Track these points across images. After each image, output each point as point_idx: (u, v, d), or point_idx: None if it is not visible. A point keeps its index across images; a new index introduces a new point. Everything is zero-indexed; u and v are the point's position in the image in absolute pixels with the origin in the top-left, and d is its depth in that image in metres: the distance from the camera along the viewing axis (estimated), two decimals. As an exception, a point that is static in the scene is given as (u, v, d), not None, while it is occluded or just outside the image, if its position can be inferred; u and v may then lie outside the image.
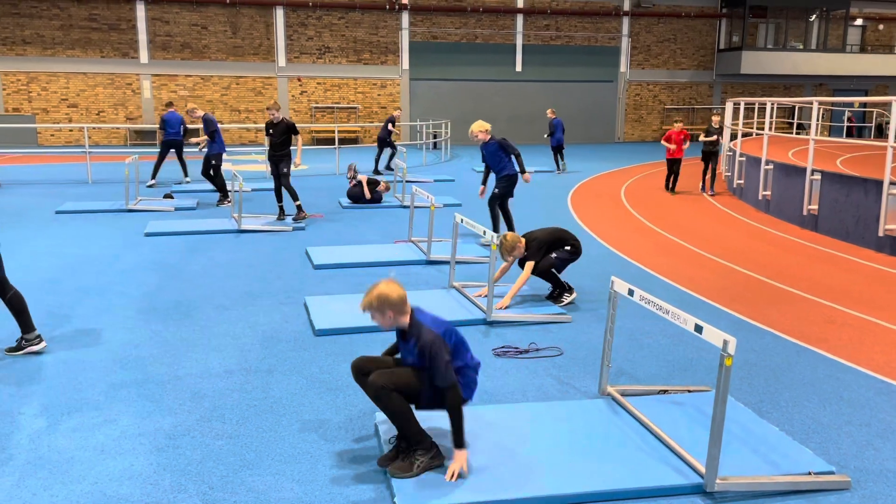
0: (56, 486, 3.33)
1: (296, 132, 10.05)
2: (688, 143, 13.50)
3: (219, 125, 12.08)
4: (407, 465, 3.39)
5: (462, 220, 6.47)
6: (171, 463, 3.55)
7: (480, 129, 8.59)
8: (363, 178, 11.96)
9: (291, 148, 10.12)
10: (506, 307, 5.96)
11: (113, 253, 8.16)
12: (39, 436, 3.81)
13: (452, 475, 3.32)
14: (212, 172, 11.90)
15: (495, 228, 8.86)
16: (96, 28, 23.64)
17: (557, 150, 17.70)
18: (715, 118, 14.16)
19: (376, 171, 16.44)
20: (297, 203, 10.10)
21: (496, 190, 8.79)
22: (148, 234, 9.15)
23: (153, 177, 13.77)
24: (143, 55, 24.13)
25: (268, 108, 9.98)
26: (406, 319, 3.46)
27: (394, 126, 16.93)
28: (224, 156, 12.34)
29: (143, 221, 10.08)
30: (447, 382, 3.34)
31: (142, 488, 3.32)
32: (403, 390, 3.39)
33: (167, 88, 24.57)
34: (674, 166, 13.82)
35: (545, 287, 6.58)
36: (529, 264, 6.11)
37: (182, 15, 24.24)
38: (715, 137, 13.83)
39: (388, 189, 12.38)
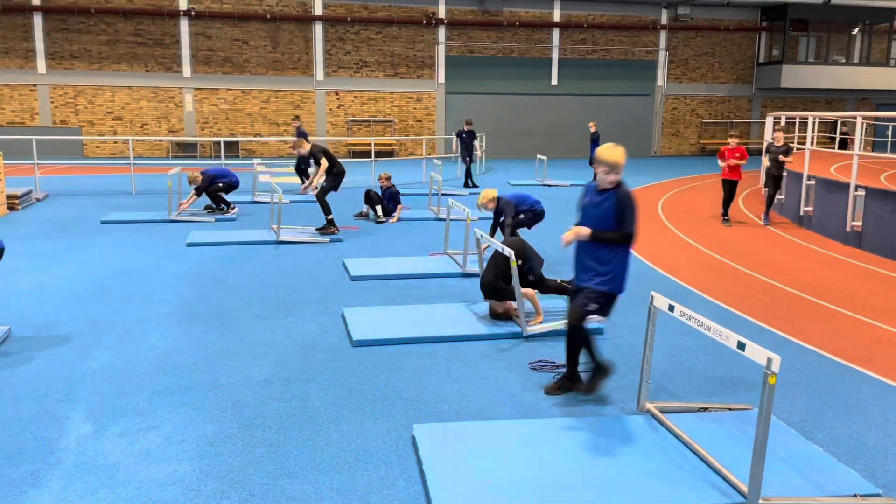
0: (102, 490, 3.41)
1: (318, 161, 10.03)
2: (744, 161, 11.59)
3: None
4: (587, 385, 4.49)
5: (482, 236, 6.52)
6: (213, 469, 3.61)
7: (488, 198, 8.09)
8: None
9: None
10: (541, 320, 5.95)
11: (156, 262, 8.34)
12: (86, 440, 3.91)
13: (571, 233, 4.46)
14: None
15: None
16: (141, 43, 24.27)
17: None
18: (778, 135, 12.18)
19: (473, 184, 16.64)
20: (329, 217, 10.16)
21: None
22: (189, 245, 9.34)
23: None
24: (186, 69, 24.69)
25: (291, 147, 10.04)
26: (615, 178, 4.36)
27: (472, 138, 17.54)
28: (263, 167, 12.53)
29: (184, 232, 10.29)
30: (631, 229, 4.36)
31: (185, 494, 3.39)
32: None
33: (208, 102, 25.09)
34: (730, 190, 11.81)
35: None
36: (529, 291, 5.98)
37: (224, 30, 24.78)
38: (791, 158, 11.96)
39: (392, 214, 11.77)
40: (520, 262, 5.82)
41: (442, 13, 26.22)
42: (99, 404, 4.38)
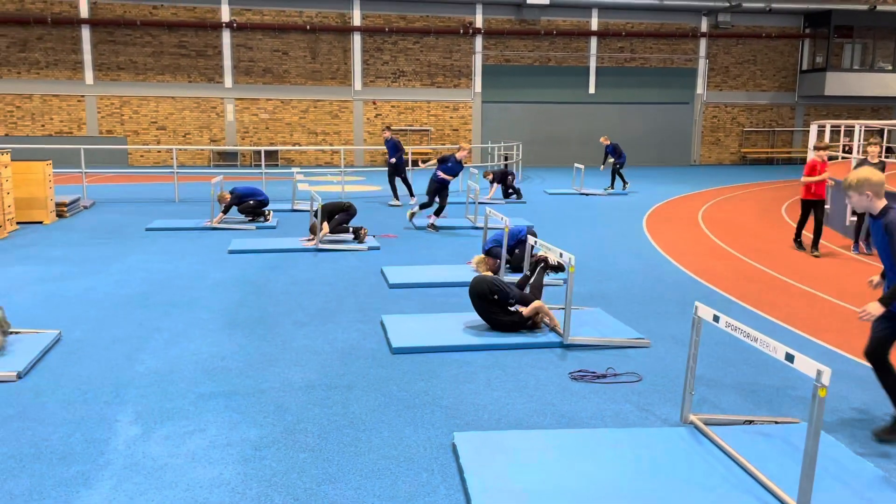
0: (151, 490, 3.49)
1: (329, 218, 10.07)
2: (827, 176, 9.95)
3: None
4: None
5: (536, 242, 6.47)
6: (257, 473, 3.67)
7: (479, 265, 8.09)
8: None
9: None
10: (555, 322, 5.90)
11: (199, 269, 8.50)
12: (135, 442, 4.00)
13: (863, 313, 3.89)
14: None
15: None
16: (185, 54, 24.83)
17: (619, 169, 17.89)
18: (873, 149, 10.09)
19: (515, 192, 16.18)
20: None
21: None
22: (231, 252, 9.50)
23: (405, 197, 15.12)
24: (228, 80, 25.17)
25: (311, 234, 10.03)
26: (879, 204, 4.01)
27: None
28: (301, 176, 12.68)
29: (226, 239, 10.46)
30: None
31: (230, 497, 3.44)
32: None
33: (249, 112, 25.53)
34: (815, 211, 9.95)
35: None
36: (535, 304, 5.90)
37: (265, 41, 25.21)
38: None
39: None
40: (495, 296, 5.79)
41: (479, 23, 26.32)
42: (146, 407, 4.48)
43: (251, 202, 12.00)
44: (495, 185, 15.84)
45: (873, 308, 3.89)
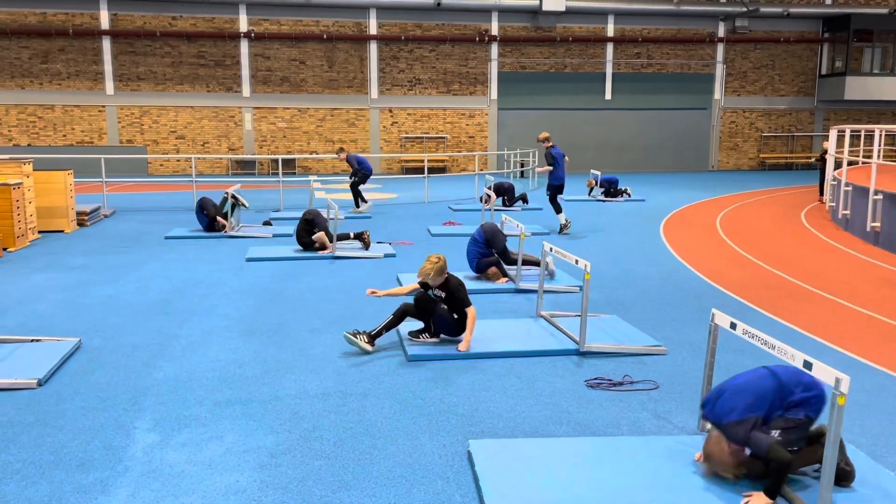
0: (168, 498, 3.51)
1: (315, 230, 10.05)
2: None
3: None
4: None
5: (551, 249, 6.45)
6: (273, 480, 3.68)
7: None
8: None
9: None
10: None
11: (217, 277, 8.57)
12: (153, 449, 4.03)
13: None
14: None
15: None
16: (203, 64, 25.10)
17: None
18: None
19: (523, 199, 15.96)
20: None
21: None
22: (249, 260, 9.56)
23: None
24: (246, 89, 25.41)
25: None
26: None
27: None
28: (318, 184, 12.77)
29: (243, 247, 10.54)
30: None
31: (246, 504, 3.46)
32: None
33: (266, 121, 25.74)
34: None
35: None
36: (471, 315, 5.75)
37: (282, 51, 25.43)
38: None
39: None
40: (443, 294, 5.80)
41: (494, 30, 26.37)
42: (164, 414, 4.52)
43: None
44: (493, 196, 15.26)
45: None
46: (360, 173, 14.63)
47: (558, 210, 12.39)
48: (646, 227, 13.03)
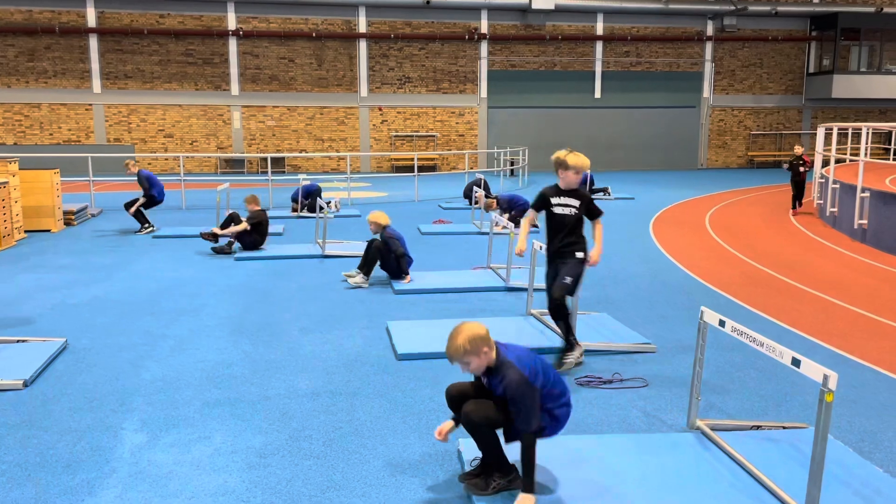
0: (156, 499, 3.48)
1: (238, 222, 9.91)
2: None
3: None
4: (483, 484, 3.45)
5: (541, 248, 6.45)
6: (262, 481, 3.66)
7: (373, 219, 7.92)
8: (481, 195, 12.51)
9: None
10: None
11: (205, 276, 8.52)
12: (140, 450, 4.00)
13: None
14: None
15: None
16: (192, 63, 24.96)
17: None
18: None
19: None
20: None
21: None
22: (238, 259, 9.51)
23: None
24: (234, 87, 25.29)
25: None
26: (493, 355, 3.42)
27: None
28: (308, 182, 12.69)
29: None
30: (528, 427, 3.32)
31: (235, 504, 3.43)
32: (494, 423, 3.40)
33: (255, 119, 25.63)
34: None
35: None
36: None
37: (271, 49, 25.32)
38: None
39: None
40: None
41: (484, 28, 26.37)
42: (152, 415, 4.48)
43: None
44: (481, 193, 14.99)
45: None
46: (149, 195, 12.00)
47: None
48: (635, 225, 13.06)
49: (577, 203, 5.32)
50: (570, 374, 5.21)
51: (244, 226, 9.83)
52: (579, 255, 5.30)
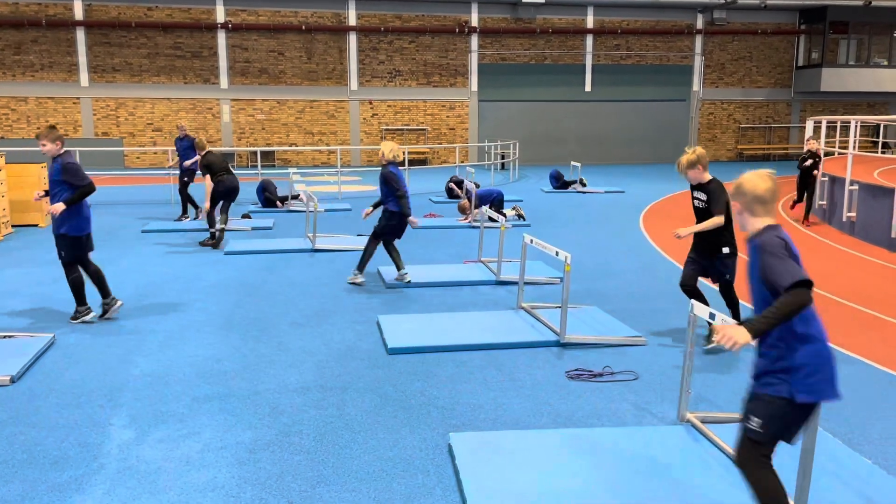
0: (144, 495, 3.46)
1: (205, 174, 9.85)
2: None
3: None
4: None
5: (532, 241, 6.45)
6: (252, 476, 3.64)
7: (385, 149, 7.92)
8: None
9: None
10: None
11: (195, 271, 8.47)
12: (129, 446, 3.97)
13: (723, 337, 2.75)
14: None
15: (360, 266, 7.80)
16: (180, 56, 24.77)
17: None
18: None
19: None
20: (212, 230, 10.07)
21: (376, 226, 7.80)
22: (227, 253, 9.46)
23: None
24: (224, 81, 25.12)
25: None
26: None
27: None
28: (298, 176, 12.65)
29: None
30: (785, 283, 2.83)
31: (225, 500, 3.42)
32: None
33: (245, 112, 25.48)
34: None
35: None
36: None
37: (260, 42, 25.16)
38: None
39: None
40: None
41: (474, 21, 26.29)
42: (140, 410, 4.45)
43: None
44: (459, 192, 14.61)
45: (739, 336, 2.82)
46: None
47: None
48: (626, 218, 13.08)
49: (703, 197, 6.13)
50: (560, 367, 5.21)
51: (207, 182, 10.02)
52: (725, 249, 6.08)
